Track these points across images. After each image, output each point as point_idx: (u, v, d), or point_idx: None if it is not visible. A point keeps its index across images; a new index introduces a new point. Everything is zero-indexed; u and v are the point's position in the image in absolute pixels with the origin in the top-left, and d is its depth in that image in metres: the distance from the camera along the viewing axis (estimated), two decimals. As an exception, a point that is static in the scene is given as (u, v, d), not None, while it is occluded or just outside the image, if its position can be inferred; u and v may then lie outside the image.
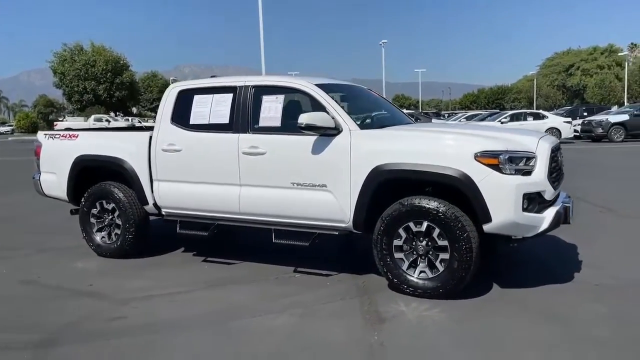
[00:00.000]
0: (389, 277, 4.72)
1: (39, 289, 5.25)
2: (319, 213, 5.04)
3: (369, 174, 4.71)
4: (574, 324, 4.05)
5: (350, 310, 4.45)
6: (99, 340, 4.00)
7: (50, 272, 5.75)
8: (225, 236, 7.01)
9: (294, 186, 5.11)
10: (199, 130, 5.62)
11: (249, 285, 5.17)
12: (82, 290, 5.14)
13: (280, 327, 4.15)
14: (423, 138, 4.82)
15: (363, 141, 4.84)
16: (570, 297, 4.62)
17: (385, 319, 4.23)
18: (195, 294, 4.99)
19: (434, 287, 4.54)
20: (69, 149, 6.39)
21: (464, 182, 4.36)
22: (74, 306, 4.72)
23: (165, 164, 5.77)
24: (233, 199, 5.43)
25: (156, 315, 4.48)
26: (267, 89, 5.46)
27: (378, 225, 4.73)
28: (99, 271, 5.78)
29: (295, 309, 4.48)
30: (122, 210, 6.03)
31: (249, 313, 4.43)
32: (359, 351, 3.68)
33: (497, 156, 4.35)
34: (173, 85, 6.02)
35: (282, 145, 5.20)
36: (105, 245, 6.22)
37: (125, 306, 4.66)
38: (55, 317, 4.45)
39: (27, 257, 6.46)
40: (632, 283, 4.92)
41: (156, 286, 5.17)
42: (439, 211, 4.46)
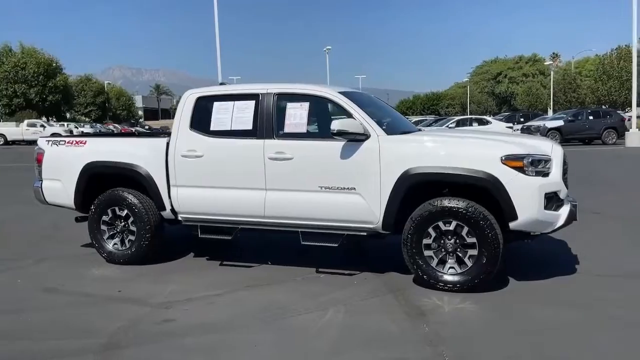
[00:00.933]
0: (419, 274, 5.05)
1: (69, 296, 5.21)
2: (348, 215, 5.29)
3: (400, 177, 5.02)
4: (593, 308, 4.53)
5: (389, 305, 4.74)
6: (161, 341, 4.09)
7: (71, 280, 5.70)
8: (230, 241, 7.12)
9: (322, 189, 5.34)
10: (221, 137, 5.75)
11: (280, 286, 5.35)
12: (113, 296, 5.15)
13: (332, 323, 4.38)
14: (451, 143, 5.19)
15: (392, 146, 5.15)
16: (579, 286, 5.12)
17: (425, 312, 4.54)
18: (232, 295, 5.12)
19: (463, 282, 4.91)
20: (76, 156, 6.33)
21: (494, 183, 4.76)
22: (116, 311, 4.75)
23: (185, 169, 5.85)
24: (258, 203, 5.59)
25: (206, 316, 4.59)
26: (290, 96, 5.68)
27: (408, 225, 5.05)
28: (120, 278, 5.77)
29: (337, 306, 4.72)
30: (138, 217, 6.04)
31: (294, 311, 4.63)
32: (419, 342, 3.96)
33: (522, 159, 4.78)
34: (190, 92, 6.10)
35: (310, 150, 5.42)
36: (119, 252, 6.20)
37: (170, 309, 4.74)
38: (103, 322, 4.48)
39: (34, 266, 6.35)
40: (626, 273, 5.49)
41: (189, 290, 5.25)
42: (468, 211, 4.83)
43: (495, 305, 4.66)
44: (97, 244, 6.29)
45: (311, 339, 4.08)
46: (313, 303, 4.82)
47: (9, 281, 5.77)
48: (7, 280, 5.81)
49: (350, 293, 5.06)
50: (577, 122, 27.18)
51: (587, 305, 4.59)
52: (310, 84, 5.78)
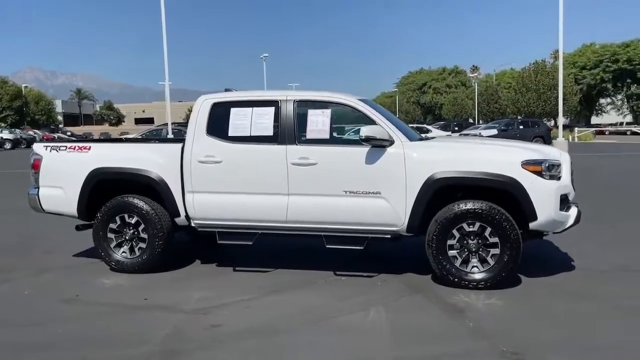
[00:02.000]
0: (444, 274, 5.31)
1: (94, 306, 5.05)
2: (373, 218, 5.48)
3: (425, 181, 5.28)
4: (606, 299, 4.96)
5: (422, 304, 4.97)
6: (218, 346, 4.10)
7: (84, 290, 5.51)
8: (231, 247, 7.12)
9: (347, 194, 5.50)
10: (240, 142, 5.78)
11: (307, 289, 5.45)
12: (141, 305, 5.06)
13: (377, 322, 4.56)
14: (472, 149, 5.52)
15: (416, 152, 5.40)
16: (583, 281, 5.56)
17: (461, 309, 4.81)
18: (265, 300, 5.16)
19: (487, 279, 5.21)
20: (80, 162, 6.13)
21: (516, 186, 5.12)
22: (153, 319, 4.69)
23: (203, 175, 5.82)
24: (280, 208, 5.66)
25: (250, 320, 4.62)
26: (311, 103, 5.81)
27: (433, 227, 5.31)
28: (135, 286, 5.65)
29: (376, 307, 4.89)
30: (150, 224, 5.93)
31: (335, 312, 4.76)
32: (471, 336, 4.21)
33: (540, 164, 5.17)
34: (205, 97, 6.08)
35: (334, 155, 5.57)
36: (128, 260, 6.05)
37: (209, 315, 4.72)
38: (147, 330, 4.42)
39: (33, 277, 6.08)
40: (619, 268, 6.01)
41: (217, 296, 5.24)
42: (491, 212, 5.16)
43: (519, 301, 4.99)
44: (103, 253, 6.11)
45: (366, 338, 4.22)
46: (349, 304, 4.96)
47: (14, 293, 5.51)
48: (12, 292, 5.55)
49: (380, 294, 5.24)
50: (509, 131, 28.83)
51: (599, 298, 5.01)
52: (331, 92, 5.93)
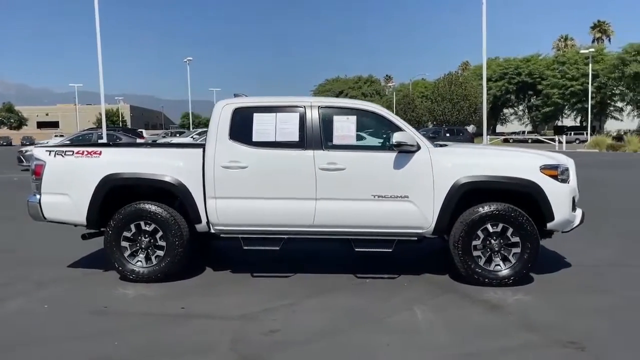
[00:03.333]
0: (469, 273, 5.60)
1: (132, 317, 4.86)
2: (400, 221, 5.69)
3: (452, 185, 5.55)
4: (615, 292, 5.45)
5: (458, 302, 5.22)
6: (290, 349, 4.11)
7: (110, 302, 5.28)
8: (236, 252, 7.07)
9: (375, 198, 5.67)
10: (266, 147, 5.78)
11: (342, 292, 5.54)
12: (182, 314, 4.93)
13: (428, 320, 4.77)
14: (493, 155, 5.88)
15: (442, 157, 5.67)
16: (588, 276, 6.04)
17: (495, 305, 5.10)
18: (306, 303, 5.20)
19: (509, 276, 5.57)
20: (91, 168, 5.85)
21: (536, 189, 5.52)
22: (207, 327, 4.60)
23: (227, 181, 5.76)
24: (307, 213, 5.72)
25: (304, 324, 4.66)
26: (336, 109, 5.93)
27: (459, 229, 5.60)
28: (163, 295, 5.48)
29: (418, 306, 5.10)
30: (169, 231, 5.77)
31: (381, 313, 4.90)
32: (520, 330, 4.48)
33: (556, 168, 5.62)
34: (224, 102, 6.02)
35: (362, 161, 5.72)
36: (144, 269, 5.84)
37: (259, 320, 4.71)
38: (207, 337, 4.35)
39: (40, 290, 5.72)
40: (608, 262, 6.60)
41: (254, 302, 5.21)
42: (513, 214, 5.53)
43: (544, 296, 5.35)
44: (116, 262, 5.85)
45: (427, 336, 4.41)
46: (390, 305, 5.12)
47: (33, 307, 5.17)
48: (31, 307, 5.20)
49: (413, 294, 5.44)
50: (437, 138, 30.12)
51: (609, 291, 5.49)
52: (354, 100, 6.08)
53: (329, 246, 7.32)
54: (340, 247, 6.18)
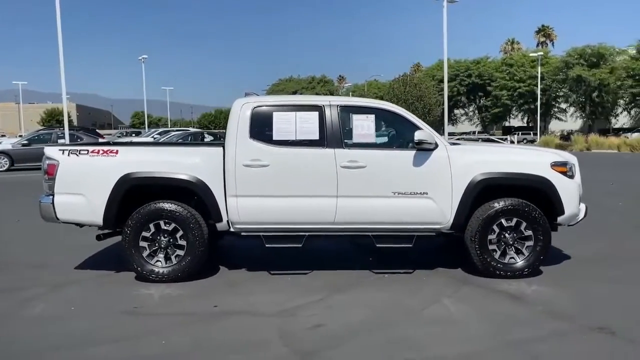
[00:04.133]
0: (485, 266, 5.82)
1: (166, 317, 4.83)
2: (420, 217, 5.86)
3: (471, 181, 5.77)
4: (623, 282, 5.77)
5: (482, 293, 5.42)
6: (342, 344, 4.20)
7: (138, 302, 5.22)
8: (242, 251, 7.10)
9: (395, 195, 5.82)
10: (287, 146, 5.84)
11: (366, 287, 5.67)
12: (217, 312, 4.94)
13: (461, 311, 4.95)
14: (508, 152, 6.14)
15: (460, 155, 5.88)
16: (588, 267, 6.38)
17: (517, 295, 5.34)
18: (337, 298, 5.30)
19: (523, 268, 5.83)
20: (108, 167, 5.77)
21: (549, 185, 5.81)
22: (248, 324, 4.64)
23: (249, 179, 5.78)
24: (329, 210, 5.82)
25: (345, 318, 4.75)
26: (354, 108, 6.05)
27: (475, 224, 5.81)
28: (189, 295, 5.46)
29: (443, 298, 5.28)
30: (190, 230, 5.74)
31: (414, 306, 5.06)
32: (549, 319, 4.69)
33: (565, 165, 5.93)
34: (243, 101, 6.03)
35: (382, 158, 5.87)
36: (164, 269, 5.79)
37: (299, 316, 4.78)
38: (255, 335, 4.39)
39: (56, 292, 5.61)
40: (604, 256, 6.95)
41: (285, 299, 5.26)
42: (527, 209, 5.79)
43: (557, 286, 5.63)
44: (135, 263, 5.77)
45: (466, 327, 4.57)
46: (419, 298, 5.28)
47: (57, 310, 5.06)
48: (54, 309, 5.10)
49: (436, 287, 5.61)
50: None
51: (618, 280, 5.83)
52: (371, 99, 6.21)
53: (332, 244, 7.45)
54: (341, 244, 6.21)
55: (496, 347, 4.14)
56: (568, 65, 58.08)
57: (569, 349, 4.11)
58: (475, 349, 4.10)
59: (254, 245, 6.89)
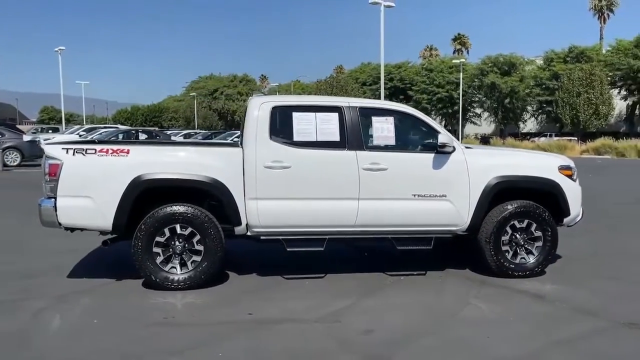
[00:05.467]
0: (499, 267, 5.98)
1: (204, 327, 4.57)
2: (438, 219, 5.93)
3: (487, 184, 5.91)
4: (623, 278, 6.14)
5: (503, 293, 5.54)
6: (405, 347, 4.16)
7: (167, 312, 4.90)
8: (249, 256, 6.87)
9: (416, 197, 5.86)
10: (308, 147, 5.71)
11: (388, 290, 5.65)
12: (253, 319, 4.74)
13: (495, 312, 5.06)
14: (519, 156, 6.35)
15: (476, 158, 6.01)
16: (589, 265, 6.71)
17: (538, 295, 5.50)
18: (368, 303, 5.25)
19: (533, 268, 6.06)
20: (117, 168, 5.37)
21: (557, 188, 6.07)
22: (293, 332, 4.48)
23: (270, 181, 5.60)
24: (350, 213, 5.75)
25: (389, 322, 4.73)
26: (373, 110, 6.02)
27: (490, 226, 5.96)
28: (215, 302, 5.23)
29: (471, 299, 5.38)
30: (208, 235, 5.47)
31: (448, 308, 5.14)
32: (580, 316, 4.91)
33: (570, 169, 6.23)
34: (262, 100, 5.82)
35: (403, 161, 5.88)
36: (179, 275, 5.47)
37: (340, 323, 4.67)
38: (306, 342, 4.26)
39: (64, 303, 5.16)
40: (590, 253, 7.35)
41: (317, 304, 5.15)
42: (537, 210, 6.02)
43: (570, 284, 5.87)
44: (147, 270, 5.41)
45: (507, 327, 4.63)
46: (447, 300, 5.40)
47: (78, 323, 4.67)
48: (75, 322, 4.70)
49: (458, 289, 5.72)
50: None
51: (619, 277, 6.17)
52: (384, 101, 6.19)
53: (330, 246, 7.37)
54: (333, 245, 6.05)
55: (548, 346, 4.23)
56: (483, 72, 61.25)
57: (619, 345, 4.29)
58: (531, 349, 4.18)
59: (251, 249, 6.71)
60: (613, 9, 67.84)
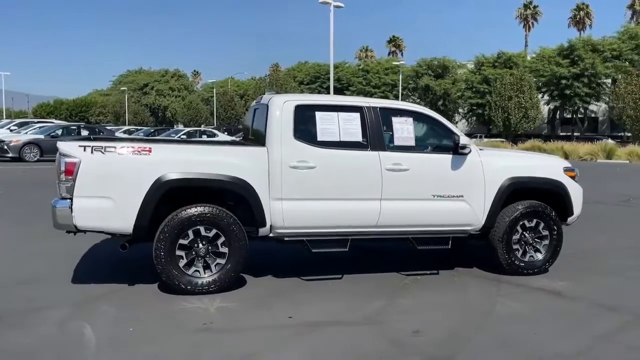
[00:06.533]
0: (510, 265, 6.15)
1: (251, 332, 4.43)
2: (455, 219, 6.04)
3: (502, 184, 6.08)
4: (618, 273, 6.49)
5: (523, 291, 5.69)
6: (463, 345, 4.22)
7: (207, 318, 4.68)
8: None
9: (434, 198, 5.93)
10: (331, 147, 5.65)
11: (414, 290, 5.68)
12: (296, 323, 4.63)
13: (528, 310, 5.16)
14: (528, 157, 6.58)
15: (489, 159, 6.15)
16: (589, 261, 7.07)
17: (555, 292, 5.69)
18: (404, 302, 5.28)
19: (541, 265, 6.28)
20: (140, 167, 5.10)
21: (563, 188, 6.33)
22: (347, 335, 4.43)
23: (296, 181, 5.50)
24: (372, 213, 5.74)
25: (434, 322, 4.74)
26: (392, 111, 6.03)
27: (503, 225, 6.13)
28: (247, 306, 5.05)
29: (498, 297, 5.51)
30: (233, 236, 5.29)
31: (481, 306, 5.22)
32: (606, 312, 5.12)
33: (573, 170, 6.51)
34: (284, 99, 5.69)
35: (424, 162, 5.94)
36: (203, 279, 5.26)
37: (385, 324, 4.67)
38: (361, 343, 4.22)
39: (87, 312, 4.82)
40: (585, 250, 7.69)
41: (354, 306, 5.11)
42: (546, 210, 6.26)
43: (573, 281, 6.11)
44: (169, 274, 5.15)
45: (546, 323, 4.75)
46: (475, 298, 5.49)
47: (112, 333, 4.36)
48: (106, 333, 4.38)
49: (477, 286, 5.84)
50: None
51: (617, 273, 6.51)
52: (402, 102, 6.23)
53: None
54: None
55: (595, 341, 4.37)
56: (418, 74, 63.02)
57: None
58: (581, 345, 4.31)
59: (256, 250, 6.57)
60: (537, 18, 71.64)
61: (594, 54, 52.85)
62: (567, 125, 61.76)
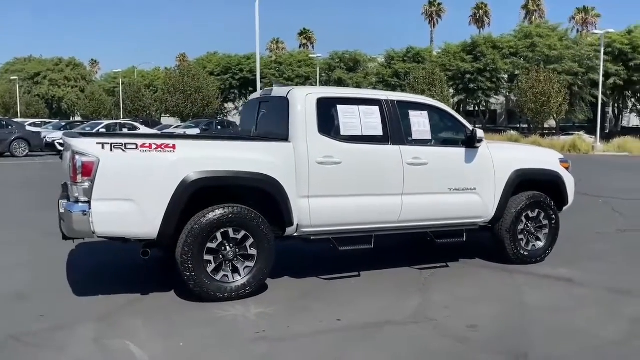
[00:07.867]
0: (516, 255, 6.31)
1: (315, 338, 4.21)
2: (468, 212, 6.09)
3: (510, 177, 6.21)
4: (604, 258, 6.87)
5: (536, 280, 5.85)
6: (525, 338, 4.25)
7: (256, 326, 4.38)
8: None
9: (451, 191, 5.95)
10: (355, 142, 5.50)
11: (441, 284, 5.66)
12: (345, 326, 4.45)
13: (549, 298, 5.33)
14: (531, 150, 6.79)
15: (497, 152, 6.25)
16: (574, 248, 7.18)
17: (564, 279, 5.91)
18: (438, 297, 5.23)
19: (542, 254, 6.51)
20: (165, 165, 4.66)
21: (561, 179, 6.59)
22: (414, 335, 4.34)
23: (323, 178, 5.28)
24: (394, 208, 5.66)
25: (481, 315, 4.75)
26: (408, 104, 5.96)
27: (511, 216, 6.27)
28: (285, 311, 4.82)
29: (515, 287, 5.63)
30: (262, 238, 5.00)
31: (513, 298, 5.28)
32: (623, 297, 5.37)
33: (567, 162, 6.79)
34: (305, 91, 5.42)
35: (441, 155, 5.93)
36: (232, 284, 4.92)
37: (435, 321, 4.60)
38: (430, 345, 4.15)
39: (116, 327, 4.35)
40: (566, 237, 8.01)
41: (392, 304, 5.03)
42: (546, 201, 6.49)
43: (571, 267, 6.35)
44: (197, 280, 4.76)
45: (577, 312, 4.92)
46: (494, 290, 5.56)
47: (159, 348, 3.99)
48: (157, 349, 4.01)
49: (494, 278, 5.92)
50: (209, 131, 29.96)
51: (600, 258, 6.85)
52: (418, 95, 6.16)
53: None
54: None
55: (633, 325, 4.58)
56: (331, 67, 63.57)
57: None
58: (623, 329, 4.49)
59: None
60: (441, 15, 74.76)
61: (494, 51, 56.06)
62: (470, 118, 64.86)
